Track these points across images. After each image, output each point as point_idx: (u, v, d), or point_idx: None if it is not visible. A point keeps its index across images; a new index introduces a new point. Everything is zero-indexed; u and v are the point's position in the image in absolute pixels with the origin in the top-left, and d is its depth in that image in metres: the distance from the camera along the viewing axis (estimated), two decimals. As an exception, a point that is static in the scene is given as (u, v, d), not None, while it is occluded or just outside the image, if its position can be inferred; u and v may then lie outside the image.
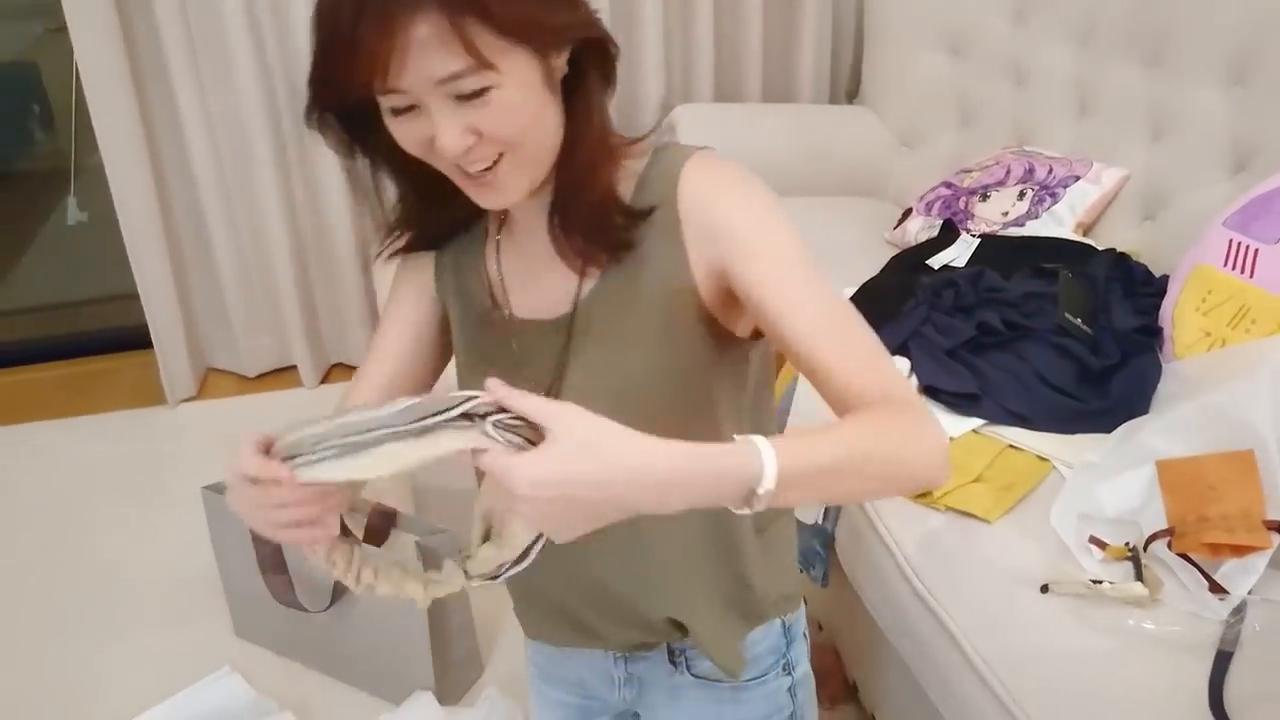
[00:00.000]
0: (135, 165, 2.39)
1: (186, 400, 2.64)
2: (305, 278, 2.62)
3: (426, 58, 0.71)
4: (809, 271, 0.79)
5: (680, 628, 0.94)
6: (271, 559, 1.73)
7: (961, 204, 2.02)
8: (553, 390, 0.86)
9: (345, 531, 0.78)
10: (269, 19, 2.32)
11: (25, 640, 1.92)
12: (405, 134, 0.77)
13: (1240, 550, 1.18)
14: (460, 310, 0.93)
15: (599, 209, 0.82)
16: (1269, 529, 1.17)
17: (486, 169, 0.78)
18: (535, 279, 0.88)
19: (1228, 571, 1.18)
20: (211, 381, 2.73)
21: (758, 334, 0.88)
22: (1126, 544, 1.25)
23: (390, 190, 0.89)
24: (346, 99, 0.75)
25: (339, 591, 1.67)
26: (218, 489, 1.77)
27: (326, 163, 2.46)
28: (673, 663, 0.99)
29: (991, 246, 1.88)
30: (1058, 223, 1.89)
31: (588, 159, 0.82)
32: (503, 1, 0.71)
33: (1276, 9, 1.67)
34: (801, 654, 1.04)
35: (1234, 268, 1.49)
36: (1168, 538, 1.22)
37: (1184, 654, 1.11)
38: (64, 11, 2.23)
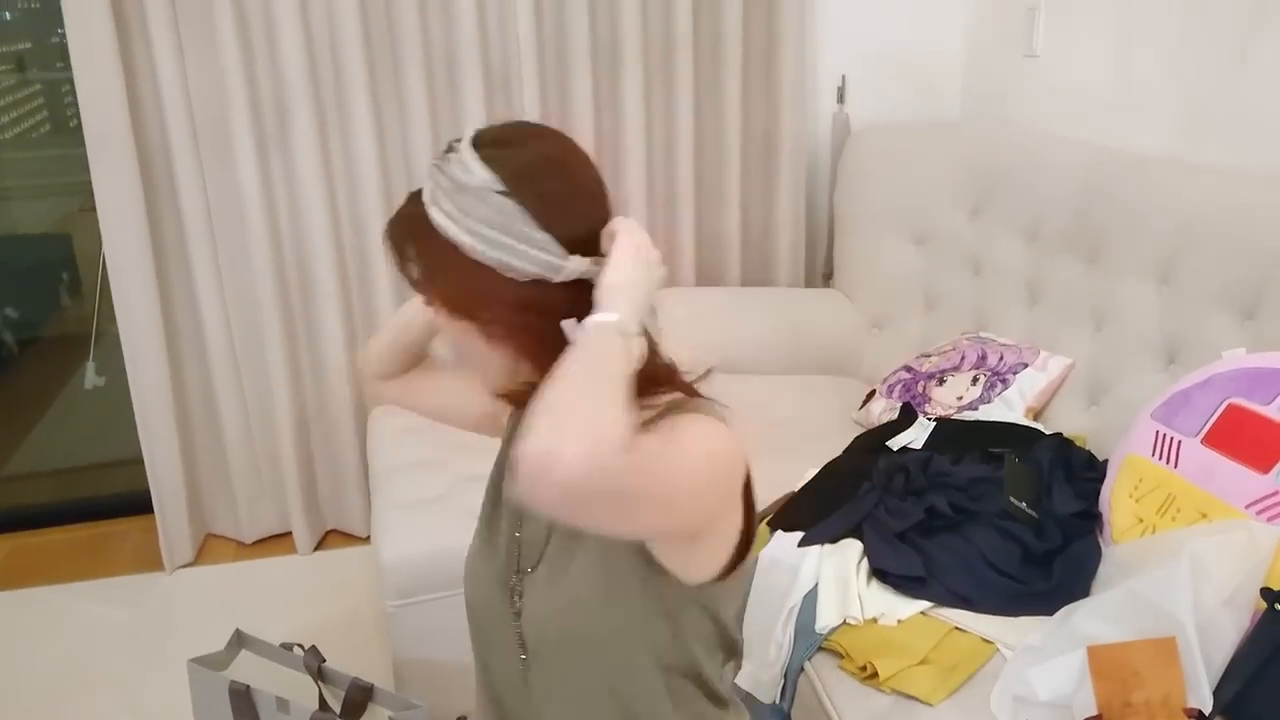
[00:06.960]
0: (151, 339, 2.54)
1: (184, 566, 2.72)
2: (306, 448, 2.73)
3: None
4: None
5: None
6: (251, 730, 1.77)
7: (920, 388, 2.14)
8: (547, 542, 1.03)
9: None
10: (285, 210, 2.52)
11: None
12: None
13: (1163, 736, 1.23)
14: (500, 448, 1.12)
15: None
16: (1188, 716, 1.23)
17: None
18: None
19: (1153, 757, 1.23)
20: (210, 546, 2.82)
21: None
22: (1060, 728, 1.30)
23: None
24: None
25: (314, 764, 1.71)
26: (203, 662, 1.84)
27: (333, 339, 2.62)
28: None
29: (947, 429, 1.98)
30: (1009, 407, 2.00)
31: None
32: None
33: (1195, 218, 1.82)
34: None
35: (1160, 458, 1.59)
36: (1096, 723, 1.27)
37: (1109, 841, 1.15)
38: (95, 195, 2.43)
